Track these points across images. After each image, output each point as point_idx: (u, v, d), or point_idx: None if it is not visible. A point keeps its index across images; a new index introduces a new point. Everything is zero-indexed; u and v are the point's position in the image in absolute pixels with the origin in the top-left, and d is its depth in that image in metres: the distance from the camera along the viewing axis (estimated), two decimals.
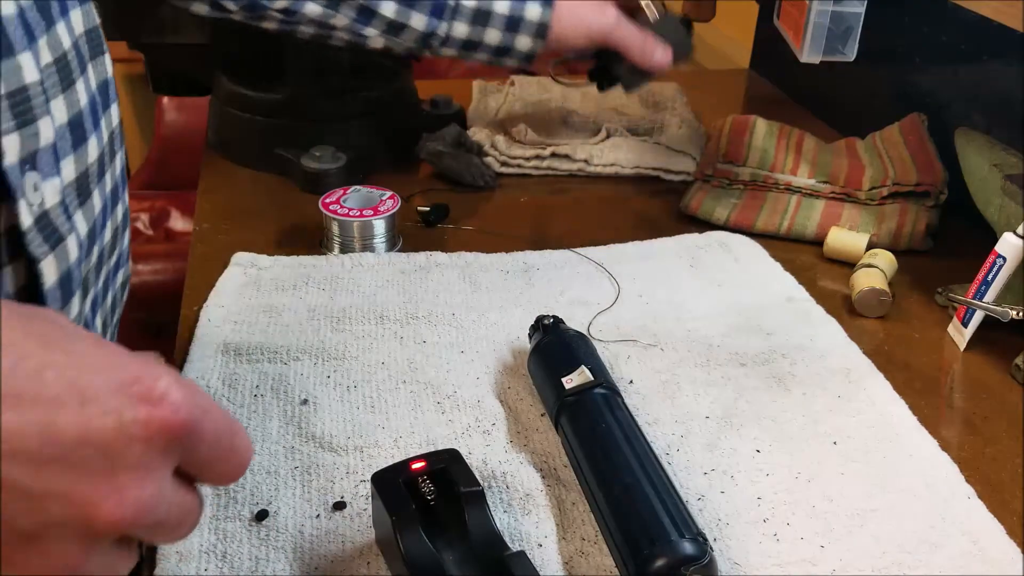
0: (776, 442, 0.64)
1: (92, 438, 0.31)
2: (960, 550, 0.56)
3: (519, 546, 0.55)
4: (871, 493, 0.60)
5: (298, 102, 1.04)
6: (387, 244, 0.88)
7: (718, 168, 1.00)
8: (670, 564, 0.50)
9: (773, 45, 1.29)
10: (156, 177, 2.31)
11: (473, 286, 0.82)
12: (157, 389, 0.33)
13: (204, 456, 0.35)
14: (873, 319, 0.81)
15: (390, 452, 0.62)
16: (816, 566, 0.55)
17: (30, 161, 0.45)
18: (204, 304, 0.78)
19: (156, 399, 0.33)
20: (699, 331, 0.76)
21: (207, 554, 0.54)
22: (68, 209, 0.49)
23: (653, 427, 0.66)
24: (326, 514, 0.57)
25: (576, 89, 1.26)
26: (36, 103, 0.45)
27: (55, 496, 0.31)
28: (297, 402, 0.67)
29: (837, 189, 0.97)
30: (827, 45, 0.96)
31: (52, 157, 0.47)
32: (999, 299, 0.74)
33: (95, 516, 0.32)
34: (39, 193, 0.46)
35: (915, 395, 0.70)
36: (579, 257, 0.87)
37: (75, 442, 0.31)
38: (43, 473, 0.31)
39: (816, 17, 0.95)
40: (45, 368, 0.32)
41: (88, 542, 0.32)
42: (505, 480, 0.60)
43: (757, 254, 0.89)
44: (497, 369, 0.71)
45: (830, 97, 1.25)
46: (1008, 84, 0.93)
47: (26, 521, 0.31)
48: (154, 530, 0.34)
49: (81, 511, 0.32)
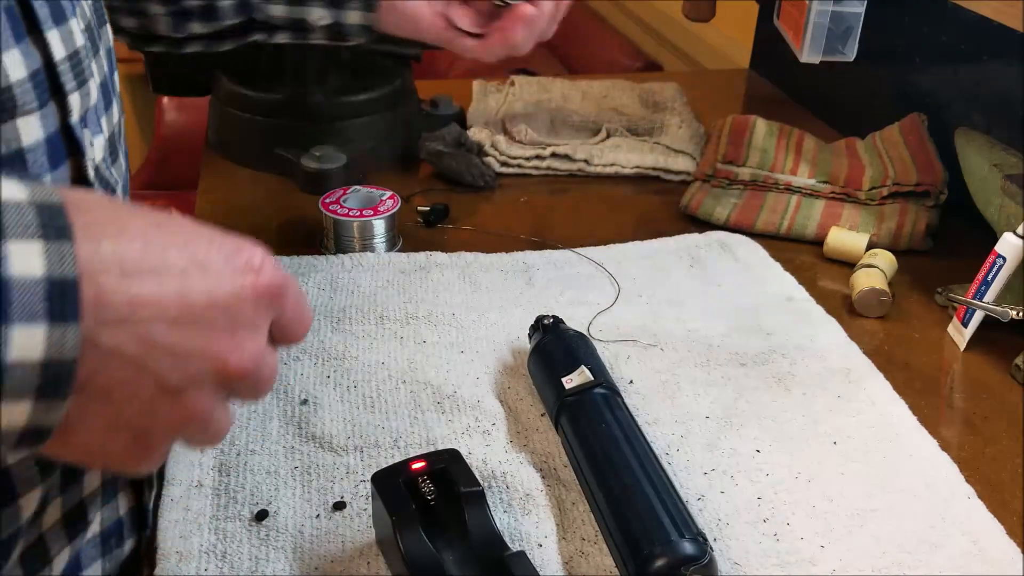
0: (776, 442, 0.64)
1: (217, 301, 0.37)
2: (960, 550, 0.56)
3: (519, 546, 0.55)
4: (871, 493, 0.60)
5: (298, 102, 1.04)
6: (387, 244, 0.88)
7: (718, 168, 1.00)
8: (670, 564, 0.50)
9: (773, 45, 1.29)
10: (156, 177, 2.31)
11: (473, 286, 0.82)
12: (256, 259, 0.39)
13: (288, 317, 0.40)
14: (873, 319, 0.81)
15: (390, 452, 0.62)
16: (816, 566, 0.55)
17: (84, 119, 0.49)
18: None
19: (257, 267, 0.38)
20: (699, 331, 0.76)
21: (207, 554, 0.54)
22: (109, 165, 0.53)
23: (653, 427, 0.66)
24: (326, 514, 0.57)
25: (576, 89, 1.26)
26: (85, 65, 0.49)
27: (195, 353, 0.36)
28: (297, 402, 0.67)
29: (837, 189, 0.97)
30: (827, 45, 0.96)
31: (95, 116, 0.51)
32: (999, 299, 0.74)
33: (226, 368, 0.37)
34: (93, 148, 0.50)
35: (915, 395, 0.70)
36: (579, 257, 0.87)
37: (204, 305, 0.36)
38: (184, 333, 0.36)
39: (816, 17, 0.95)
40: (168, 247, 0.36)
41: (218, 393, 0.38)
42: (505, 480, 0.60)
43: (757, 254, 0.89)
44: (497, 369, 0.71)
45: (830, 97, 1.25)
46: (1008, 84, 0.93)
47: (174, 377, 0.36)
48: (257, 384, 0.40)
49: (215, 365, 0.37)
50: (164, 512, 0.57)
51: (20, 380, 0.32)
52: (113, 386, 0.35)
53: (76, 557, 0.55)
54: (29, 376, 0.32)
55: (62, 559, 0.53)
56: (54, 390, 0.33)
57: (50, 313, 0.32)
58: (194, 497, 0.58)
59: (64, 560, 0.53)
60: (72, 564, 0.54)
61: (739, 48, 1.59)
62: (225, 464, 0.61)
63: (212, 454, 0.62)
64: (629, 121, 1.17)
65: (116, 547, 0.58)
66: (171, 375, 0.36)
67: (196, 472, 0.60)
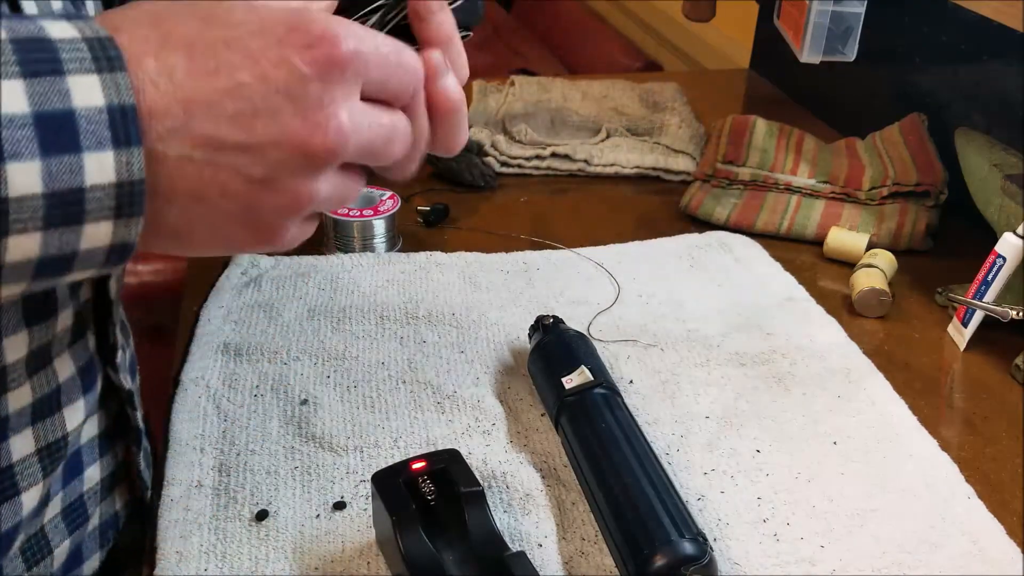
0: (776, 442, 0.64)
1: (275, 86, 0.36)
2: (960, 550, 0.56)
3: (519, 546, 0.55)
4: (871, 493, 0.60)
5: None
6: (387, 244, 0.88)
7: (718, 168, 1.00)
8: (670, 564, 0.50)
9: (773, 45, 1.29)
10: None
11: (473, 286, 0.82)
12: (313, 32, 0.37)
13: (378, 75, 0.39)
14: (873, 319, 0.81)
15: (390, 452, 0.62)
16: (816, 566, 0.55)
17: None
18: (204, 304, 0.78)
19: (315, 41, 0.36)
20: (699, 331, 0.76)
21: (207, 554, 0.54)
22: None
23: (653, 427, 0.66)
24: (326, 514, 0.57)
25: (576, 89, 1.26)
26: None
27: (269, 143, 0.36)
28: (297, 402, 0.67)
29: (837, 189, 0.97)
30: (827, 45, 0.96)
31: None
32: (999, 299, 0.74)
33: (308, 149, 0.37)
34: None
35: (915, 395, 0.70)
36: (579, 257, 0.87)
37: (262, 94, 0.36)
38: (250, 126, 0.36)
39: (816, 17, 0.95)
40: (214, 45, 0.36)
41: (313, 173, 0.38)
42: (505, 480, 0.60)
43: (757, 254, 0.89)
44: (497, 369, 0.71)
45: (830, 97, 1.25)
46: (1008, 84, 0.93)
47: (257, 170, 0.37)
48: (367, 151, 0.39)
49: (296, 148, 0.37)
50: (164, 512, 0.57)
51: (99, 202, 0.34)
52: (200, 188, 0.37)
53: (77, 549, 0.55)
54: (106, 198, 0.35)
55: (63, 551, 0.54)
56: (129, 208, 0.35)
57: (115, 139, 0.34)
58: (194, 497, 0.58)
59: (65, 552, 0.54)
60: (73, 555, 0.55)
61: (739, 48, 1.59)
62: (225, 464, 0.61)
63: (212, 454, 0.62)
64: (629, 121, 1.17)
65: (113, 539, 0.59)
66: (253, 169, 0.37)
67: (196, 472, 0.60)
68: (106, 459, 0.57)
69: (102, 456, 0.56)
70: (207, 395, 0.67)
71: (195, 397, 0.67)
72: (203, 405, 0.66)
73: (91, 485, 0.55)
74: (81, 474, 0.54)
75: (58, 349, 0.49)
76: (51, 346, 0.48)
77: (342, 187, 0.40)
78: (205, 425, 0.64)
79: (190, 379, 0.68)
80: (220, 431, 0.64)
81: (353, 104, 0.38)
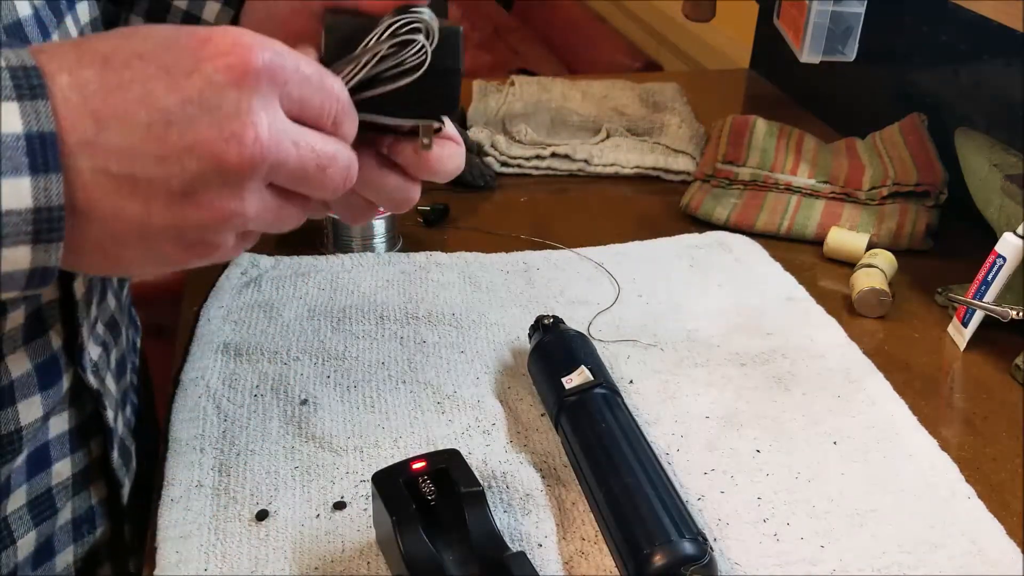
0: (776, 442, 0.64)
1: (189, 95, 0.36)
2: (960, 550, 0.56)
3: (519, 546, 0.55)
4: (871, 493, 0.60)
5: None
6: (387, 244, 0.88)
7: (718, 168, 1.00)
8: (670, 564, 0.50)
9: (773, 45, 1.29)
10: None
11: (473, 286, 0.82)
12: (227, 41, 0.36)
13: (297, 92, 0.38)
14: (873, 319, 0.81)
15: (390, 452, 0.62)
16: (816, 566, 0.55)
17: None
18: (204, 304, 0.78)
19: (229, 49, 0.36)
20: (699, 331, 0.76)
21: (207, 554, 0.54)
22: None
23: (653, 427, 0.66)
24: (326, 514, 0.57)
25: (576, 89, 1.26)
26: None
27: (184, 152, 0.36)
28: (297, 402, 0.67)
29: (837, 189, 0.97)
30: (827, 45, 0.96)
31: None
32: (999, 299, 0.74)
33: (225, 159, 0.36)
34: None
35: (915, 395, 0.70)
36: (579, 257, 0.87)
37: (175, 104, 0.35)
38: (162, 137, 0.35)
39: (816, 17, 0.95)
40: (130, 59, 0.36)
41: (234, 187, 0.37)
42: (505, 480, 0.60)
43: (757, 254, 0.89)
44: (497, 369, 0.71)
45: (830, 97, 1.25)
46: (1008, 84, 0.93)
47: (175, 183, 0.36)
48: (297, 173, 0.38)
49: (212, 159, 0.36)
50: (164, 512, 0.57)
51: (16, 227, 0.35)
52: (119, 203, 0.36)
53: (47, 541, 0.56)
54: (23, 223, 0.35)
55: (28, 542, 0.54)
56: (48, 234, 0.35)
57: (32, 166, 0.34)
58: (194, 497, 0.58)
59: (31, 543, 0.54)
60: (43, 547, 0.55)
61: (739, 48, 1.59)
62: (225, 464, 0.61)
63: (212, 454, 0.62)
64: (629, 121, 1.17)
65: (88, 534, 0.59)
66: (171, 182, 0.36)
67: (196, 472, 0.60)
68: (78, 455, 0.57)
69: (73, 452, 0.56)
70: (207, 395, 0.67)
71: (195, 397, 0.67)
72: (203, 405, 0.66)
73: (61, 479, 0.55)
74: (49, 468, 0.54)
75: (10, 346, 0.49)
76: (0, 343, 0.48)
77: (276, 208, 0.39)
78: (205, 425, 0.64)
79: (190, 379, 0.68)
80: (220, 431, 0.64)
81: (274, 116, 0.37)
